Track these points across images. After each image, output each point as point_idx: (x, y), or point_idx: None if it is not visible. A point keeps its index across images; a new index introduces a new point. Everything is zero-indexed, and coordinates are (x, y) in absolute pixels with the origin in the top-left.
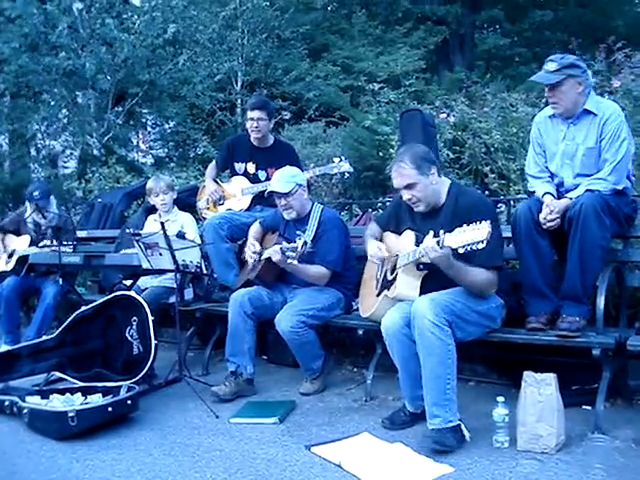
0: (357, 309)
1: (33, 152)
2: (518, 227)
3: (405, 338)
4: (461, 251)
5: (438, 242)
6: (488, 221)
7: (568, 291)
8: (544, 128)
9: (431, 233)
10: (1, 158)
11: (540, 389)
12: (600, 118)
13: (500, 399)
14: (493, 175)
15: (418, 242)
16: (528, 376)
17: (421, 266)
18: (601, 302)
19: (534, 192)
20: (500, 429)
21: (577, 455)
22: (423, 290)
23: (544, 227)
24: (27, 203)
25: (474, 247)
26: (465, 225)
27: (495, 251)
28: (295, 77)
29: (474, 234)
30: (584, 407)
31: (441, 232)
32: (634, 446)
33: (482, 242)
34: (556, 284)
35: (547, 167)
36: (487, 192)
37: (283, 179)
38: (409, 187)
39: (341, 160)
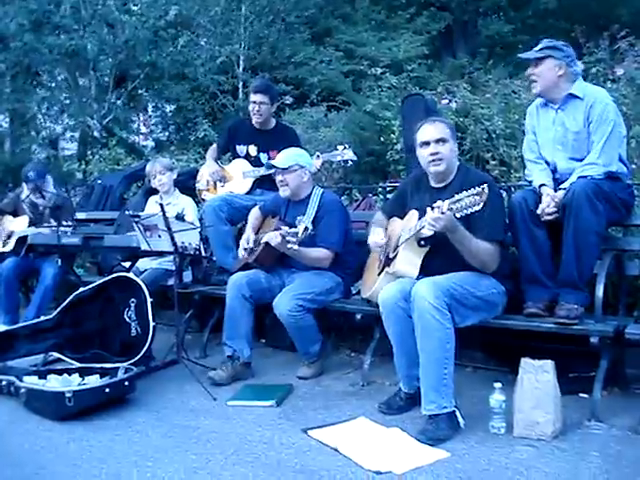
0: (356, 293)
1: (33, 133)
2: (513, 218)
3: (402, 312)
4: (458, 215)
5: (437, 210)
6: (486, 184)
7: (565, 278)
8: (536, 116)
9: (436, 204)
10: (1, 138)
11: (537, 376)
12: (587, 102)
13: (497, 385)
14: (494, 162)
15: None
16: (526, 363)
17: (422, 242)
18: (600, 290)
19: (531, 181)
20: (497, 415)
21: (573, 442)
22: (424, 271)
23: (542, 219)
24: (24, 184)
25: (471, 210)
26: (464, 191)
27: (497, 224)
28: (299, 61)
29: (471, 198)
30: (581, 395)
31: (440, 201)
32: (630, 434)
33: (478, 205)
34: (554, 272)
35: (541, 153)
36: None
37: (286, 155)
38: (439, 141)
39: (345, 148)
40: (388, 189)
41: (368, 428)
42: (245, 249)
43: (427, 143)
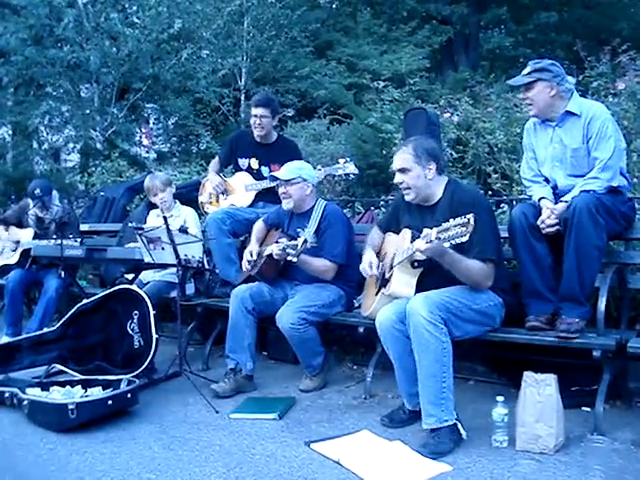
0: (358, 306)
1: (35, 145)
2: (514, 232)
3: (399, 334)
4: (447, 245)
5: (426, 239)
6: (471, 215)
7: (566, 292)
8: (533, 134)
9: (424, 232)
10: (4, 150)
11: (540, 389)
12: (584, 119)
13: (500, 399)
14: (496, 175)
15: (414, 239)
16: (528, 376)
17: (416, 264)
18: (602, 304)
19: (532, 196)
20: (499, 429)
21: (576, 456)
22: (420, 288)
23: (543, 232)
24: (29, 200)
25: (458, 241)
26: (451, 219)
27: (488, 244)
28: (302, 75)
29: (457, 229)
30: (583, 408)
31: (427, 229)
32: (633, 448)
33: (465, 236)
34: (555, 286)
35: (540, 171)
36: (490, 192)
37: (289, 168)
38: (402, 171)
39: (346, 161)
40: (390, 202)
41: (371, 441)
42: (249, 261)
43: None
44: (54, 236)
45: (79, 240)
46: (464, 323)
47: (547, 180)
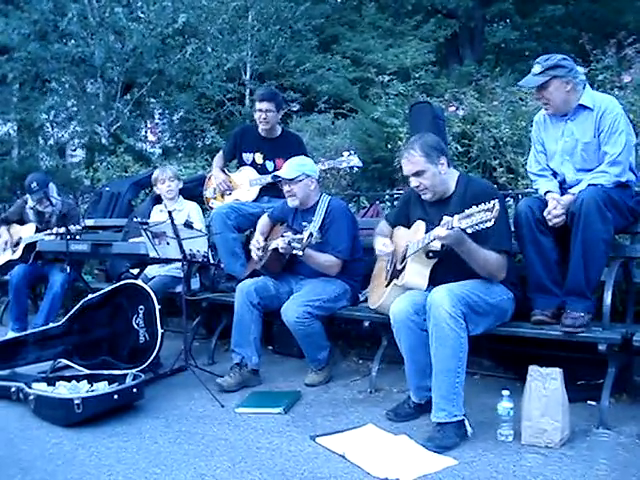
0: (363, 301)
1: (41, 141)
2: (519, 226)
3: (414, 325)
4: (469, 231)
5: (446, 226)
6: (496, 200)
7: (572, 286)
8: (543, 127)
9: (444, 219)
10: (10, 146)
11: (545, 383)
12: (597, 112)
13: (505, 393)
14: (501, 169)
15: (428, 231)
16: (533, 370)
17: (430, 254)
18: (608, 297)
19: (538, 189)
20: (505, 423)
21: (581, 450)
22: (432, 281)
23: (550, 224)
24: (28, 195)
25: (482, 226)
26: (474, 206)
27: (503, 235)
28: (306, 69)
29: (482, 214)
30: (589, 402)
31: (447, 217)
32: (638, 442)
33: (490, 221)
34: (561, 280)
35: (548, 165)
36: (495, 186)
37: (291, 166)
38: (417, 174)
39: (350, 154)
40: (395, 196)
41: (376, 435)
42: (258, 248)
43: (408, 176)
44: (55, 228)
45: (80, 229)
46: (479, 317)
47: (554, 174)
